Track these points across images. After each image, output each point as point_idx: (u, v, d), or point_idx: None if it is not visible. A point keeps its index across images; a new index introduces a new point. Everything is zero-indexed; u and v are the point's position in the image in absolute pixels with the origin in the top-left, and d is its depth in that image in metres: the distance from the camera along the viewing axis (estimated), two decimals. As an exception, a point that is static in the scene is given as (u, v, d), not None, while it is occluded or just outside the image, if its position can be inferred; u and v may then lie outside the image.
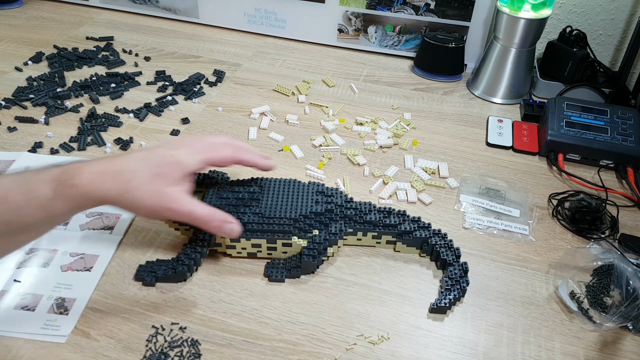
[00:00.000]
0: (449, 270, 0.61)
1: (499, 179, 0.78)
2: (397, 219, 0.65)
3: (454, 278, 0.60)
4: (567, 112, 0.83)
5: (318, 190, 0.65)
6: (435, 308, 0.58)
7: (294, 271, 0.61)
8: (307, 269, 0.62)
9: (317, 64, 1.06)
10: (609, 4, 0.99)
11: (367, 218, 0.64)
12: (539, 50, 1.01)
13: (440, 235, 0.65)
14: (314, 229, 0.62)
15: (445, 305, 0.58)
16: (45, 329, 0.54)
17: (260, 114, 0.90)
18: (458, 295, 0.59)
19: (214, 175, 0.66)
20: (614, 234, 0.69)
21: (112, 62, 1.02)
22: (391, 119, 0.90)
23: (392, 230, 0.64)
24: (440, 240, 0.64)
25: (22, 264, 0.61)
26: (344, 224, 0.63)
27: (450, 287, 0.60)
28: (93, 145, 0.81)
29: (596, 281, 0.62)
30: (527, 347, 0.56)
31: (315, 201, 0.63)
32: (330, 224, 0.63)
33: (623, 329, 0.58)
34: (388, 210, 0.65)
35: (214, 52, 1.09)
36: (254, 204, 0.62)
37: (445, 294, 0.59)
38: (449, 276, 0.61)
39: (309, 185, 0.65)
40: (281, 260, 0.63)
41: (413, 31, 1.06)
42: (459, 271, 0.61)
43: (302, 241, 0.62)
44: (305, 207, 0.62)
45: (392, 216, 0.65)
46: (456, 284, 0.60)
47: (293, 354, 0.54)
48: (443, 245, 0.63)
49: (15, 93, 0.92)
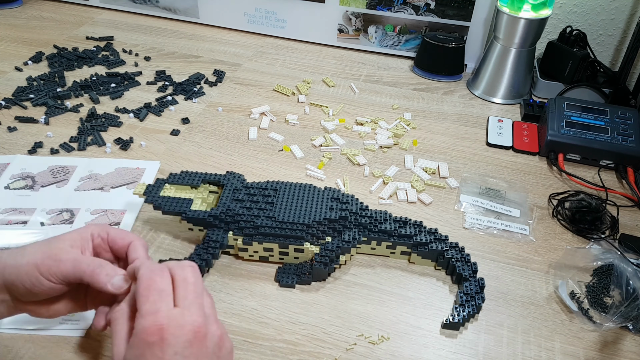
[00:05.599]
0: (464, 285, 0.60)
1: (499, 179, 0.78)
2: (413, 230, 0.63)
3: (469, 294, 0.59)
4: (567, 112, 0.83)
5: (333, 197, 0.63)
6: (448, 324, 0.56)
7: (305, 277, 0.60)
8: (318, 276, 0.61)
9: (317, 64, 1.06)
10: (609, 4, 0.99)
11: (382, 227, 0.62)
12: (539, 50, 1.01)
13: (457, 249, 0.63)
14: (326, 236, 0.61)
15: (459, 322, 0.56)
16: (63, 323, 0.55)
17: (260, 114, 0.90)
18: (472, 312, 0.57)
19: (230, 177, 0.66)
20: (614, 234, 0.69)
21: (112, 62, 1.02)
22: (391, 119, 0.90)
23: (408, 241, 0.63)
24: (457, 254, 0.62)
25: None
26: (357, 232, 0.62)
27: (465, 303, 0.58)
28: (93, 145, 0.81)
29: (596, 281, 0.62)
30: (527, 347, 0.56)
31: (330, 207, 0.62)
32: (344, 231, 0.62)
33: (623, 329, 0.58)
34: (404, 221, 0.64)
35: (214, 52, 1.09)
36: (267, 207, 0.61)
37: (460, 310, 0.57)
38: (464, 292, 0.59)
39: (324, 190, 0.64)
40: (292, 266, 0.62)
41: (413, 31, 1.06)
42: (475, 287, 0.59)
43: (314, 247, 0.60)
44: (319, 213, 0.61)
45: (408, 226, 0.63)
46: (471, 300, 0.58)
47: (293, 354, 0.54)
48: (459, 259, 0.62)
49: (15, 93, 0.92)
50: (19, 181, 0.72)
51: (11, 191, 0.71)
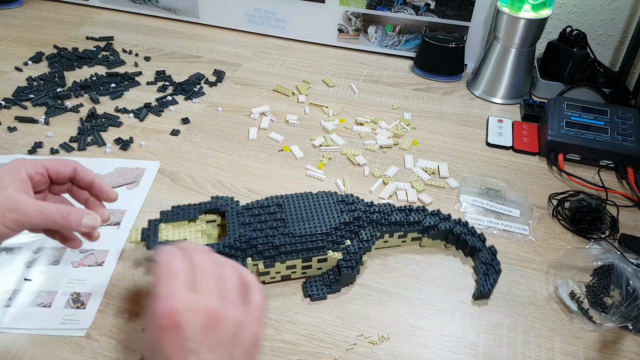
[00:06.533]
0: (479, 255, 0.63)
1: (499, 179, 0.78)
2: (419, 215, 0.65)
3: (487, 263, 0.62)
4: (567, 112, 0.83)
5: (338, 200, 0.63)
6: (480, 294, 0.60)
7: (335, 286, 0.60)
8: (347, 280, 0.61)
9: (317, 64, 1.06)
10: (609, 4, 0.99)
11: (391, 219, 0.63)
12: (539, 50, 1.01)
13: (461, 224, 0.65)
14: (345, 239, 0.61)
15: (489, 290, 0.60)
16: (64, 323, 0.55)
17: (260, 114, 0.90)
18: (496, 278, 0.61)
19: (223, 202, 0.62)
20: (614, 234, 0.69)
21: (112, 62, 1.02)
22: (391, 119, 0.90)
23: (417, 227, 0.64)
24: (463, 229, 0.65)
25: (31, 263, 0.61)
26: (372, 228, 0.62)
27: (487, 272, 0.61)
28: (93, 145, 0.81)
29: (596, 281, 0.62)
30: (527, 347, 0.56)
31: (340, 211, 0.62)
32: (360, 231, 0.62)
33: (623, 329, 0.58)
34: (408, 208, 0.66)
35: (214, 52, 1.09)
36: (279, 224, 0.60)
37: (485, 279, 0.60)
38: (481, 261, 0.62)
39: (326, 196, 0.64)
40: (317, 277, 0.61)
41: (413, 31, 1.06)
42: (489, 254, 0.63)
43: (337, 254, 0.60)
44: (332, 219, 0.61)
45: (414, 213, 0.65)
46: (490, 267, 0.62)
47: (293, 354, 0.54)
48: (467, 232, 0.65)
49: (15, 93, 0.92)
50: (19, 181, 0.72)
51: (11, 191, 0.71)
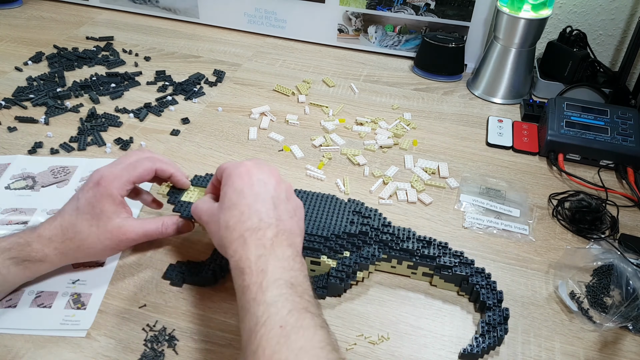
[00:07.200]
0: (487, 314, 0.56)
1: (499, 179, 0.78)
2: (437, 251, 0.60)
3: (492, 324, 0.55)
4: (567, 112, 0.83)
5: (355, 210, 0.62)
6: (467, 354, 0.53)
7: (320, 292, 0.58)
8: (334, 291, 0.59)
9: (317, 64, 1.06)
10: (609, 4, 0.99)
11: (403, 246, 0.60)
12: (539, 50, 1.01)
13: (482, 275, 0.59)
14: (345, 250, 0.59)
15: (477, 353, 0.53)
16: (64, 324, 0.55)
17: (260, 114, 0.90)
18: (493, 343, 0.54)
19: None
20: (614, 234, 0.69)
21: (112, 62, 1.02)
22: (391, 119, 0.90)
23: (430, 262, 0.59)
24: (482, 280, 0.58)
25: None
26: (377, 248, 0.60)
27: (486, 334, 0.54)
28: (93, 145, 0.81)
29: (596, 281, 0.62)
30: (527, 347, 0.56)
31: (351, 221, 0.60)
32: (363, 247, 0.60)
33: (623, 329, 0.58)
34: (428, 240, 0.61)
35: (214, 52, 1.09)
36: None
37: (480, 341, 0.54)
38: (486, 321, 0.55)
39: (347, 203, 0.63)
40: (317, 277, 0.60)
41: (413, 31, 1.06)
42: (499, 317, 0.55)
43: (332, 262, 0.59)
44: (339, 226, 0.59)
45: (432, 247, 0.60)
46: (493, 330, 0.55)
47: (293, 354, 0.54)
48: (484, 285, 0.58)
49: (15, 93, 0.92)
50: (20, 181, 0.72)
51: (12, 191, 0.71)
